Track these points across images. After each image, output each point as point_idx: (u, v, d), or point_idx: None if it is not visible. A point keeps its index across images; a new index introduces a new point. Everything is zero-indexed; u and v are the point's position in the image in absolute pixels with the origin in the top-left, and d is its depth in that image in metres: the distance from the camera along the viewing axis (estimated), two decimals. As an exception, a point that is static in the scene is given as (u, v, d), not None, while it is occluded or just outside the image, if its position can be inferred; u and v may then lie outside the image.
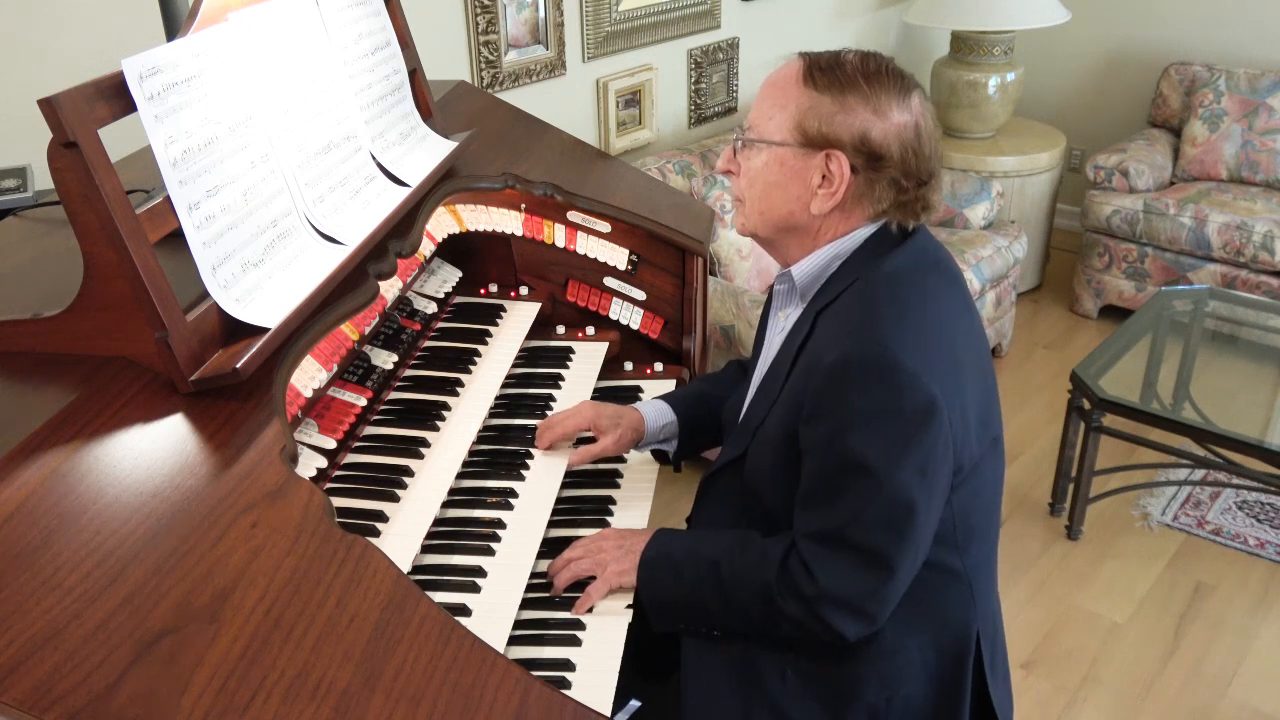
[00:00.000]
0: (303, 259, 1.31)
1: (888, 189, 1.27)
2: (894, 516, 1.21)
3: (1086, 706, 2.41)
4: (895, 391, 1.19)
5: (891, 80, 1.27)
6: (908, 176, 1.27)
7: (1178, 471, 3.14)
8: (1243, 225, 3.69)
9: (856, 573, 1.23)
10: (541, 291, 1.92)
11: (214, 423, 1.12)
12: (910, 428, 1.19)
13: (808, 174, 1.28)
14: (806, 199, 1.29)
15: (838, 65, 1.27)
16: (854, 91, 1.25)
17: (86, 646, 0.85)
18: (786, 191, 1.30)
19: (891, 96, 1.26)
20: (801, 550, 1.26)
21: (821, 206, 1.29)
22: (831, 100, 1.25)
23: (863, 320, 1.24)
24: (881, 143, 1.25)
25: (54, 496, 0.97)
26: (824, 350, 1.25)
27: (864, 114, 1.25)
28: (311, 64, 1.44)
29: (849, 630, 1.26)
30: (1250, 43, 4.20)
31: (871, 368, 1.20)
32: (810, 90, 1.27)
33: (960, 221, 3.77)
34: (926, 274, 1.31)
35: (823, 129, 1.25)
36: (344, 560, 1.00)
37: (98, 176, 1.06)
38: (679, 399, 1.64)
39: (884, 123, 1.25)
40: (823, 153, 1.26)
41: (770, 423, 1.33)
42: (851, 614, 1.25)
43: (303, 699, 0.87)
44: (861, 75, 1.26)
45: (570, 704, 0.97)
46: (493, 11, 2.87)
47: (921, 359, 1.20)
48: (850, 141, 1.25)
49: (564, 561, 1.40)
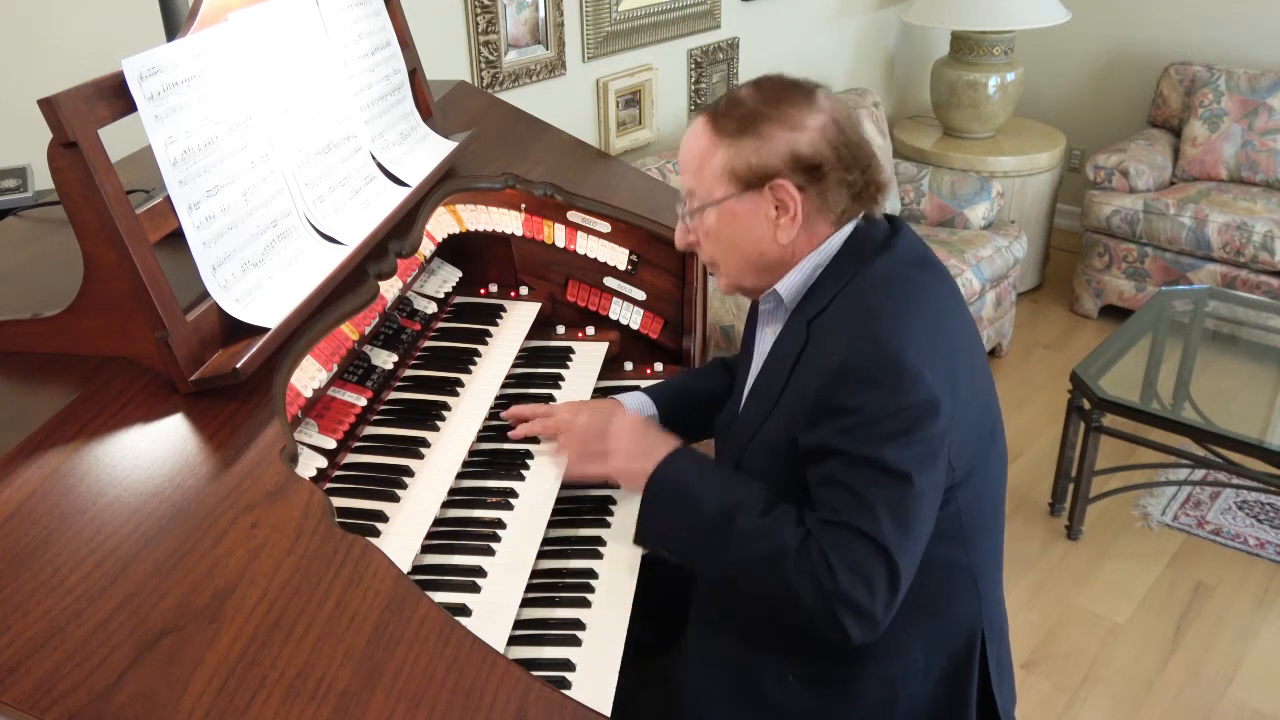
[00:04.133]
0: (303, 259, 1.31)
1: (838, 190, 1.29)
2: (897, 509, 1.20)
3: (1086, 706, 2.41)
4: (898, 390, 1.19)
5: (792, 92, 1.30)
6: (850, 169, 1.29)
7: (1178, 471, 3.14)
8: (1243, 225, 3.69)
9: (868, 568, 1.20)
10: (541, 291, 1.92)
11: (214, 423, 1.12)
12: (912, 424, 1.19)
13: (761, 212, 1.30)
14: (771, 233, 1.31)
15: (737, 104, 1.30)
16: (764, 121, 1.28)
17: (86, 646, 0.85)
18: (750, 236, 1.32)
19: (799, 107, 1.28)
20: (821, 540, 1.22)
21: (787, 234, 1.30)
22: (749, 139, 1.28)
23: (862, 323, 1.24)
24: (813, 152, 1.27)
25: (54, 496, 0.97)
26: (825, 357, 1.25)
27: (784, 135, 1.27)
28: (311, 64, 1.44)
29: (856, 633, 1.22)
30: (1250, 43, 4.20)
31: (874, 368, 1.20)
32: (725, 139, 1.30)
33: (960, 221, 3.77)
34: (917, 272, 1.32)
35: (754, 167, 1.28)
36: (344, 560, 1.00)
37: (98, 176, 1.06)
38: (660, 391, 1.66)
39: (805, 133, 1.27)
40: (765, 187, 1.28)
41: (766, 432, 1.32)
42: (860, 617, 1.21)
43: (303, 699, 0.87)
44: (763, 103, 1.29)
45: (570, 704, 0.97)
46: (493, 11, 2.87)
47: (922, 357, 1.21)
48: (785, 165, 1.27)
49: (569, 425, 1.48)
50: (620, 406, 1.60)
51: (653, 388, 1.68)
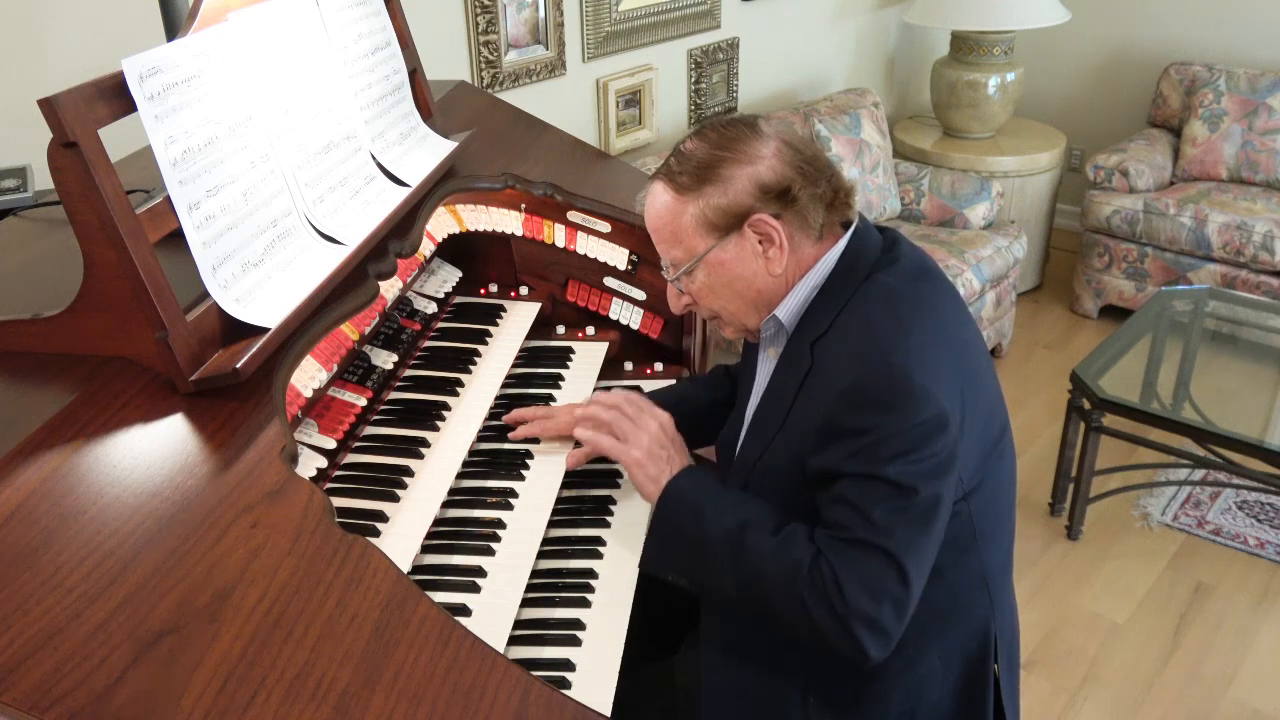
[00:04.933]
0: (303, 259, 1.31)
1: (813, 206, 1.30)
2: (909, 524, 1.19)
3: (1086, 706, 2.41)
4: (908, 410, 1.19)
5: (735, 129, 1.31)
6: (816, 183, 1.30)
7: (1178, 471, 3.14)
8: (1243, 225, 3.69)
9: (877, 582, 1.20)
10: (541, 291, 1.92)
11: (214, 423, 1.12)
12: (922, 440, 1.19)
13: (747, 251, 1.31)
14: (763, 268, 1.31)
15: (687, 159, 1.31)
16: (719, 164, 1.29)
17: (86, 646, 0.85)
18: (744, 278, 1.32)
19: (747, 140, 1.30)
20: (829, 557, 1.22)
21: (779, 264, 1.31)
22: (711, 185, 1.29)
23: (869, 342, 1.24)
24: (777, 178, 1.28)
25: (54, 496, 0.97)
26: (832, 380, 1.24)
27: (744, 171, 1.28)
28: (311, 64, 1.44)
29: (872, 649, 1.21)
30: (1250, 43, 4.20)
31: (883, 390, 1.20)
32: (687, 195, 1.30)
33: (960, 221, 3.77)
34: (919, 284, 1.31)
35: (726, 210, 1.29)
36: (344, 560, 1.00)
37: (98, 176, 1.06)
38: (662, 396, 1.65)
39: (763, 163, 1.28)
40: (744, 226, 1.29)
41: (772, 455, 1.31)
42: (874, 631, 1.20)
43: (303, 699, 0.87)
44: (712, 148, 1.30)
45: (570, 704, 0.97)
46: (493, 11, 2.87)
47: (929, 374, 1.20)
48: (755, 199, 1.28)
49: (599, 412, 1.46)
50: None
51: (654, 393, 1.67)
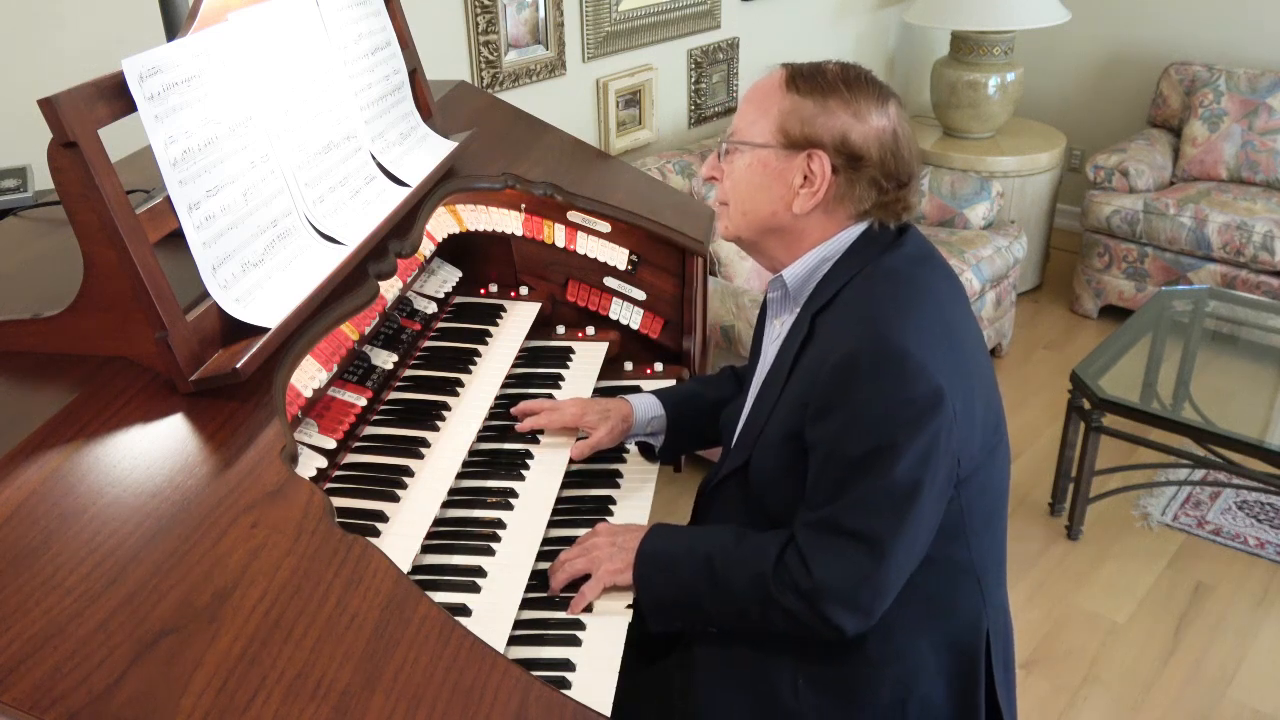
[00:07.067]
0: (303, 259, 1.31)
1: (868, 189, 1.30)
2: (893, 503, 1.21)
3: (1086, 706, 2.41)
4: (903, 381, 1.20)
5: (870, 88, 1.31)
6: (887, 178, 1.30)
7: (1178, 471, 3.14)
8: (1243, 225, 3.69)
9: (850, 559, 1.23)
10: (541, 291, 1.92)
11: (214, 423, 1.12)
12: (917, 416, 1.20)
13: (789, 175, 1.31)
14: (789, 199, 1.31)
15: (819, 72, 1.32)
16: (834, 95, 1.29)
17: (86, 646, 0.85)
18: (770, 192, 1.32)
19: (870, 102, 1.30)
20: (799, 541, 1.26)
21: (804, 206, 1.31)
22: (813, 103, 1.29)
23: (867, 315, 1.25)
24: (861, 144, 1.28)
25: (54, 496, 0.97)
26: (829, 349, 1.25)
27: (844, 116, 1.28)
28: (311, 64, 1.44)
29: (847, 624, 1.25)
30: (1250, 43, 4.20)
31: (880, 360, 1.21)
32: (792, 94, 1.31)
33: (960, 221, 3.77)
34: (923, 268, 1.33)
35: (804, 130, 1.29)
36: (344, 560, 1.00)
37: (97, 176, 1.06)
38: (669, 395, 1.67)
39: (863, 125, 1.28)
40: (804, 153, 1.29)
41: (771, 428, 1.33)
42: (847, 606, 1.24)
43: (303, 699, 0.87)
44: (841, 81, 1.30)
45: (570, 704, 0.97)
46: (493, 11, 2.87)
47: (927, 350, 1.21)
48: (831, 142, 1.28)
49: (560, 562, 1.40)
50: (628, 408, 1.61)
51: (661, 391, 1.68)
